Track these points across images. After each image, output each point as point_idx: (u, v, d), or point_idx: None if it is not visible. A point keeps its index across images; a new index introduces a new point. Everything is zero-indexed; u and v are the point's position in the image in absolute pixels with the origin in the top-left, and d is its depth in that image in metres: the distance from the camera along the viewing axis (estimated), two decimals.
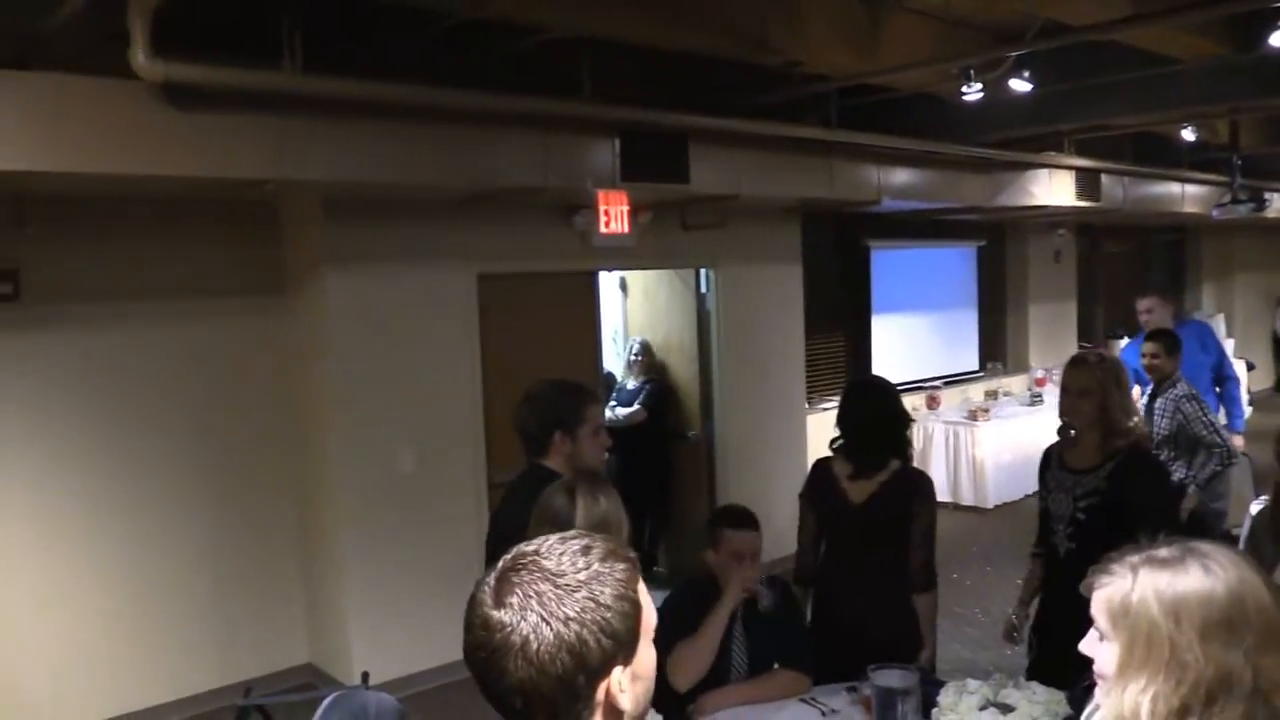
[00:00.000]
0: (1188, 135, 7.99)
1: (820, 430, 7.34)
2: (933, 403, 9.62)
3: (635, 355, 7.38)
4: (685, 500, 7.38)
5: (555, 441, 3.06)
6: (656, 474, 7.31)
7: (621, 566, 1.31)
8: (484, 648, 1.25)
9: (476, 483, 5.82)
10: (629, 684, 1.29)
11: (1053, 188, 8.42)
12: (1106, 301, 12.59)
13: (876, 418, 3.51)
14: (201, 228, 5.36)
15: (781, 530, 4.25)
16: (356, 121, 4.52)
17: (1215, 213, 9.94)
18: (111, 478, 5.16)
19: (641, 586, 1.34)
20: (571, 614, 1.24)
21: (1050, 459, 3.64)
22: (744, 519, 3.29)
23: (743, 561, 3.21)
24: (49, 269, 4.92)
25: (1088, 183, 8.68)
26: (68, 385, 5.03)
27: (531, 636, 1.22)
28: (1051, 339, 11.37)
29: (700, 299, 7.20)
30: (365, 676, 3.86)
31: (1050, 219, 10.24)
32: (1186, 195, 10.30)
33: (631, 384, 7.35)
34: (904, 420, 3.60)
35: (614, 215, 5.91)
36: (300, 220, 5.53)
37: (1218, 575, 1.39)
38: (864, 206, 7.40)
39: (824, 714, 3.00)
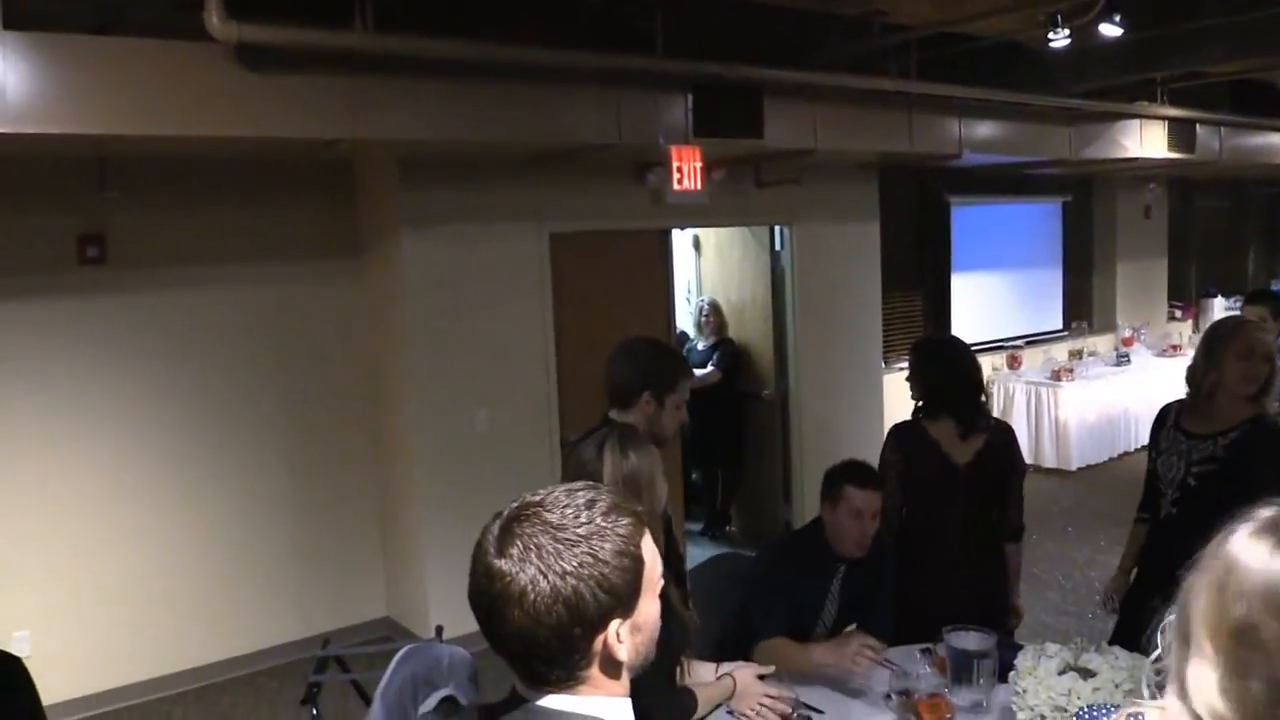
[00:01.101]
0: None
1: (897, 390, 7.23)
2: (1014, 362, 9.40)
3: (705, 315, 7.33)
4: (758, 460, 7.33)
5: (641, 401, 3.04)
6: (729, 434, 7.27)
7: (625, 521, 1.31)
8: (485, 594, 1.28)
9: (550, 441, 5.85)
10: (628, 635, 1.30)
11: (1144, 139, 8.07)
12: (1200, 259, 12.13)
13: (978, 372, 3.57)
14: (279, 191, 5.44)
15: None
16: (427, 80, 4.50)
17: None
18: (196, 437, 5.30)
19: (646, 541, 1.34)
20: (569, 568, 1.25)
21: (1166, 419, 3.46)
22: (868, 476, 3.19)
23: (862, 519, 3.15)
24: (132, 232, 5.04)
25: (1182, 134, 8.31)
26: (151, 346, 5.17)
27: (529, 588, 1.24)
28: (1141, 298, 10.99)
29: (775, 256, 7.09)
30: (439, 630, 3.92)
31: (1141, 172, 9.84)
32: None
33: (702, 344, 7.30)
34: None
35: (687, 172, 5.82)
36: (375, 183, 5.57)
37: None
38: (945, 161, 7.19)
39: (895, 674, 2.93)
